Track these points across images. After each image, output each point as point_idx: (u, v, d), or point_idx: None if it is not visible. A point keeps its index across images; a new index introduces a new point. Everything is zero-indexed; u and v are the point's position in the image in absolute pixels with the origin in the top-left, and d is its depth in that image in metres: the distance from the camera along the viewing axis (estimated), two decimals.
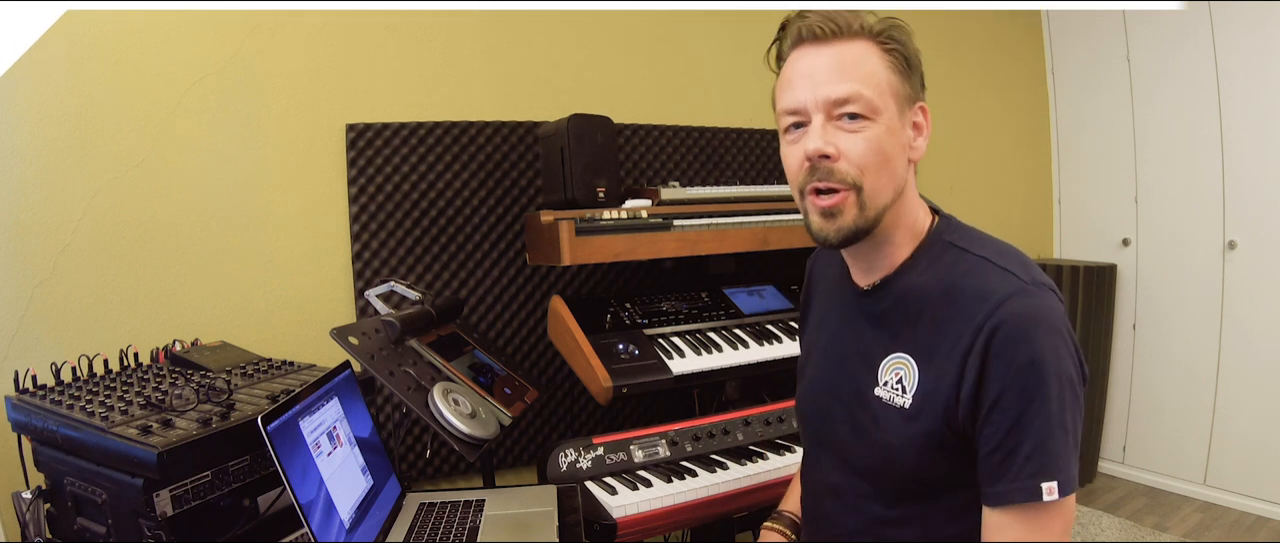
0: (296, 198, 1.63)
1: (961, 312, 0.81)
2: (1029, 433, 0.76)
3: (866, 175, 0.83)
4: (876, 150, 0.83)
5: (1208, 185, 2.71)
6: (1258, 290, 2.59)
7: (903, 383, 0.86)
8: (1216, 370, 2.74)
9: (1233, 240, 2.66)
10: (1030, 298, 0.79)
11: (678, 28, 2.13)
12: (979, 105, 2.97)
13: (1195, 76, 2.70)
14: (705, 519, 1.37)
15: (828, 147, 0.83)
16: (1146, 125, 2.91)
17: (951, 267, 0.86)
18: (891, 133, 0.84)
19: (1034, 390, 0.76)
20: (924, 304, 0.86)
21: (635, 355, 1.49)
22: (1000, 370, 0.77)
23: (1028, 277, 0.81)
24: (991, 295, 0.80)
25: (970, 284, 0.83)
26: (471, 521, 1.16)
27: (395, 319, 1.32)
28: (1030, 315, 0.78)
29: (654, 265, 1.92)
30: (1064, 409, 0.77)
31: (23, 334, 1.37)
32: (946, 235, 0.90)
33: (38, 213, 1.38)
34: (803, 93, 0.84)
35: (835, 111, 0.83)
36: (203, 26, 1.52)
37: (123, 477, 0.92)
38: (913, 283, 0.88)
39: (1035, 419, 0.76)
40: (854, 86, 0.82)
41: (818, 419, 1.01)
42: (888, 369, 0.89)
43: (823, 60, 0.84)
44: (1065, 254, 3.26)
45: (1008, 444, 0.77)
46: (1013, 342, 0.77)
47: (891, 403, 0.87)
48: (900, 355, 0.87)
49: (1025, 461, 0.76)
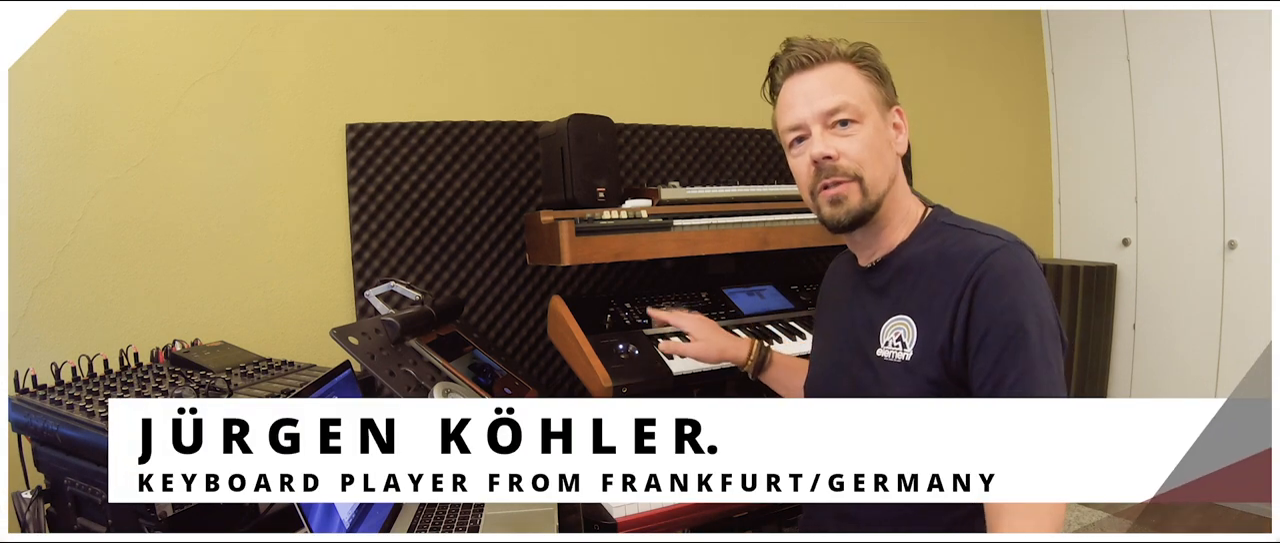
0: (296, 198, 1.63)
1: (952, 269, 0.93)
2: (1014, 365, 0.86)
3: (865, 167, 0.98)
4: (869, 146, 0.98)
5: (1208, 185, 2.71)
6: (1258, 290, 2.59)
7: (902, 339, 0.97)
8: (1216, 371, 2.74)
9: (1233, 240, 2.66)
10: (1011, 253, 0.91)
11: (678, 28, 2.13)
12: (979, 105, 2.97)
13: (1195, 76, 2.70)
14: (706, 519, 1.37)
15: (829, 149, 0.98)
16: (1146, 125, 2.91)
17: (943, 239, 0.99)
18: (878, 132, 1.00)
19: (1015, 328, 0.87)
20: (921, 270, 0.98)
21: (635, 355, 1.49)
22: (985, 312, 0.89)
23: (1007, 238, 0.94)
24: (977, 252, 0.92)
25: (960, 248, 0.95)
26: (471, 521, 1.16)
27: (395, 319, 1.32)
28: (1012, 266, 0.90)
29: (654, 265, 1.91)
30: (1044, 345, 0.87)
31: (23, 334, 1.37)
32: (939, 218, 1.04)
33: (38, 213, 1.39)
34: (802, 110, 1.00)
35: (830, 120, 0.99)
36: (203, 26, 1.52)
37: None
38: (910, 255, 1.01)
39: (1019, 353, 0.86)
40: (842, 98, 0.98)
41: (825, 389, 1.13)
42: (888, 330, 0.99)
43: (813, 83, 1.00)
44: (1065, 254, 3.26)
45: (995, 376, 0.88)
46: (997, 287, 0.89)
47: (893, 360, 0.97)
48: (900, 318, 0.98)
49: (1010, 389, 0.86)
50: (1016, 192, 3.16)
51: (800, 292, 1.85)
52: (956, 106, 2.88)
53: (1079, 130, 3.16)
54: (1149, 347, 2.97)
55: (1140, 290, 2.98)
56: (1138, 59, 2.91)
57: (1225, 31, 2.61)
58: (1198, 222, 2.75)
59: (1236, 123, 2.62)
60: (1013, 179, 3.14)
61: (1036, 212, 3.24)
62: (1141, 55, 2.89)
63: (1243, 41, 2.56)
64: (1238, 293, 2.66)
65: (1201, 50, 2.67)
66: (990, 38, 3.01)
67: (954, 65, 2.88)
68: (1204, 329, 2.76)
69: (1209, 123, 2.68)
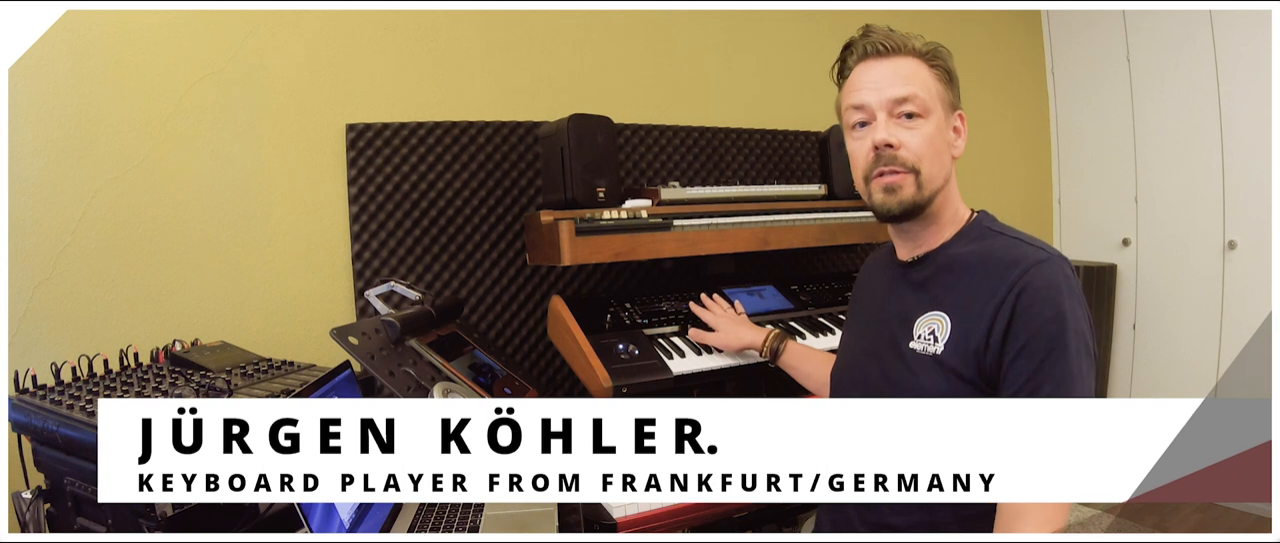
0: (296, 198, 1.63)
1: (994, 274, 0.95)
2: (1050, 376, 0.88)
3: (923, 162, 1.00)
4: (929, 142, 1.00)
5: (1208, 185, 2.71)
6: (1258, 290, 2.59)
7: (935, 334, 0.99)
8: (1216, 371, 2.74)
9: (1233, 240, 2.66)
10: (1056, 266, 0.94)
11: (678, 28, 2.13)
12: (979, 105, 2.97)
13: (1195, 76, 2.70)
14: (706, 519, 1.37)
15: (892, 137, 1.00)
16: (1146, 125, 2.91)
17: (988, 244, 1.01)
18: (940, 130, 1.02)
19: (1055, 341, 0.89)
20: (963, 271, 1.00)
21: (635, 355, 1.49)
22: (1027, 320, 0.90)
23: (1052, 251, 0.97)
24: (1022, 261, 0.94)
25: (1004, 254, 0.97)
26: (471, 521, 1.16)
27: (395, 319, 1.32)
28: (1055, 279, 0.92)
29: (654, 265, 1.91)
30: (1081, 360, 0.90)
31: (23, 334, 1.37)
32: (985, 223, 1.06)
33: (38, 213, 1.38)
34: (870, 95, 1.01)
35: (896, 110, 1.00)
36: (203, 26, 1.52)
37: None
38: (954, 254, 1.03)
39: (1056, 366, 0.89)
40: (911, 89, 1.00)
41: (853, 376, 1.14)
42: (922, 324, 1.01)
43: (885, 71, 1.01)
44: (1065, 254, 3.26)
45: (1031, 386, 0.89)
46: (1040, 299, 0.91)
47: (924, 353, 0.99)
48: (935, 313, 1.00)
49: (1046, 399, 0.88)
50: (1016, 192, 3.16)
51: (800, 292, 1.85)
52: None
53: (1079, 130, 3.16)
54: (1149, 347, 2.97)
55: (1140, 290, 2.98)
56: (1138, 59, 2.91)
57: (1225, 31, 2.61)
58: (1198, 222, 2.75)
59: (1236, 123, 2.62)
60: (1013, 179, 3.14)
61: (1036, 212, 3.24)
62: (1141, 55, 2.89)
63: (1243, 41, 2.56)
64: (1238, 293, 2.66)
65: (1201, 50, 2.67)
66: (990, 38, 3.01)
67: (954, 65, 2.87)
68: (1204, 329, 2.76)
69: (1209, 123, 2.68)
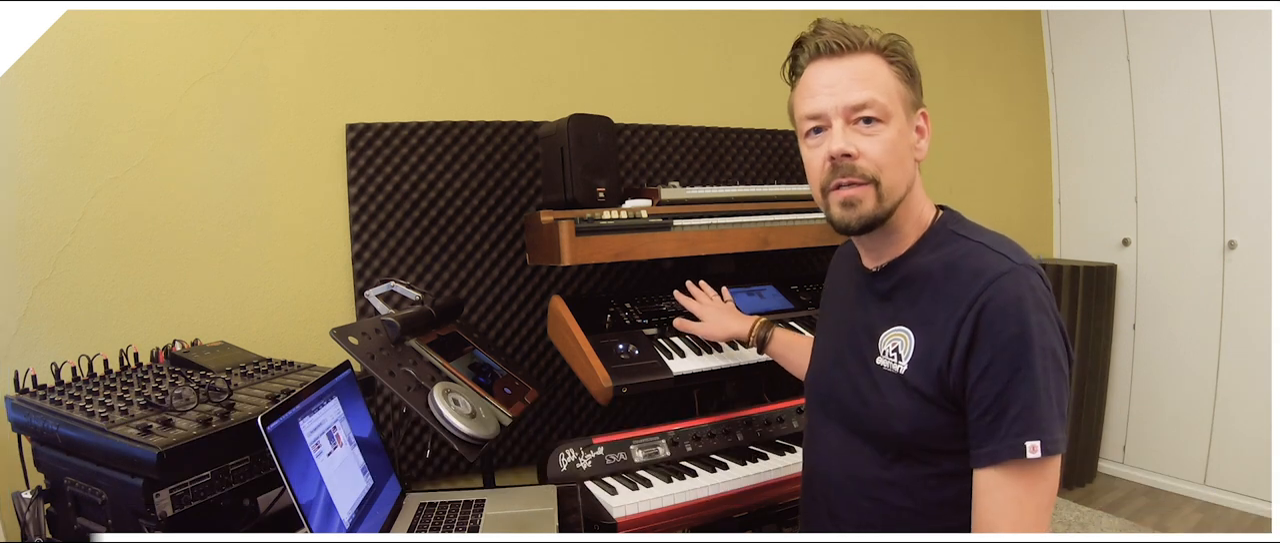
0: (296, 198, 1.63)
1: (957, 287, 0.90)
2: (1016, 397, 0.84)
3: (884, 171, 0.93)
4: (891, 149, 0.93)
5: (1208, 185, 2.71)
6: (1258, 290, 2.59)
7: (898, 351, 0.95)
8: (1216, 370, 2.74)
9: (1233, 240, 2.66)
10: (1020, 278, 0.88)
11: (678, 28, 2.13)
12: (979, 105, 2.97)
13: (1195, 76, 2.70)
14: (706, 519, 1.37)
15: (849, 147, 0.92)
16: (1146, 125, 2.91)
17: (952, 250, 0.95)
18: (902, 134, 0.94)
19: (1020, 360, 0.85)
20: (926, 281, 0.95)
21: (635, 355, 1.49)
22: (990, 341, 0.86)
23: (1019, 260, 0.90)
24: (985, 273, 0.89)
25: (967, 264, 0.91)
26: (472, 521, 1.16)
27: (395, 319, 1.32)
28: (1019, 293, 0.86)
29: (654, 265, 1.91)
30: (1048, 378, 0.85)
31: (23, 334, 1.37)
32: (950, 225, 0.99)
33: (38, 213, 1.38)
34: (825, 101, 0.93)
35: (853, 116, 0.92)
36: (203, 26, 1.52)
37: (123, 477, 0.92)
38: (917, 264, 0.97)
39: (1022, 386, 0.84)
40: (870, 93, 0.92)
41: (826, 386, 1.09)
42: (887, 340, 0.97)
43: (840, 72, 0.93)
44: (1065, 254, 3.26)
45: (996, 408, 0.85)
46: (1003, 315, 0.86)
47: (890, 370, 0.96)
48: (899, 329, 0.96)
49: (1012, 422, 0.84)
50: (1016, 192, 3.17)
51: (800, 292, 1.85)
52: (956, 107, 2.88)
53: (1079, 130, 3.16)
54: (1149, 347, 2.97)
55: (1140, 290, 2.98)
56: (1138, 59, 2.91)
57: (1225, 31, 2.61)
58: (1198, 222, 2.76)
59: (1236, 123, 2.62)
60: (1013, 179, 3.14)
61: (1036, 211, 3.24)
62: (1141, 55, 2.89)
63: (1243, 41, 2.56)
64: (1238, 293, 2.67)
65: (1201, 50, 2.68)
66: (990, 38, 3.01)
67: (954, 65, 2.88)
68: (1204, 329, 2.76)
69: (1209, 123, 2.68)
